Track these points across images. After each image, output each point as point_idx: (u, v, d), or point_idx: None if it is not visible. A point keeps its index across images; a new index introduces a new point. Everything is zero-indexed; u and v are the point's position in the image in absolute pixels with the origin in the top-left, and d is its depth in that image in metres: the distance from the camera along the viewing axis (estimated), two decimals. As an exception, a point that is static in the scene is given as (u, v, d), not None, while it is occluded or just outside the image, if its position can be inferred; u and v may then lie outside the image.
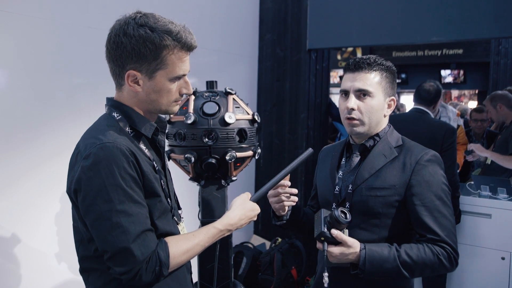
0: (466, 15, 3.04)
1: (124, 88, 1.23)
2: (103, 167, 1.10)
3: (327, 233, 1.36)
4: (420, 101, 3.00)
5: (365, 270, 1.36)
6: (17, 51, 2.08)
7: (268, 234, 3.96)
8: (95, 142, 1.13)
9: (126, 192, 1.11)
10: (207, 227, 1.29)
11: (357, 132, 1.49)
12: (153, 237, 1.17)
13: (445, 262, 1.36)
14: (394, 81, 1.52)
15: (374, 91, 1.45)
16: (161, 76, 1.19)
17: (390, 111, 1.53)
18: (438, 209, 1.40)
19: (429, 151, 1.47)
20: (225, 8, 3.56)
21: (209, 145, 1.63)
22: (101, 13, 2.45)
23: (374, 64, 1.46)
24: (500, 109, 3.52)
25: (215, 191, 1.74)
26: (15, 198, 2.08)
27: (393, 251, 1.37)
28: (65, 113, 2.29)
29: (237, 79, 1.79)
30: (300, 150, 3.81)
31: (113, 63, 1.20)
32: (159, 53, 1.16)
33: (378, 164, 1.47)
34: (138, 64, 1.17)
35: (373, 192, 1.45)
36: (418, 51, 10.55)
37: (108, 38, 1.20)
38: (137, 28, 1.14)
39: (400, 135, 1.55)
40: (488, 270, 2.99)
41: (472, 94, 11.45)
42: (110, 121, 1.22)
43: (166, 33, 1.16)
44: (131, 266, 1.10)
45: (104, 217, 1.10)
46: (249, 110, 1.75)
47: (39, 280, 2.19)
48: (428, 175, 1.42)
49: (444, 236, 1.38)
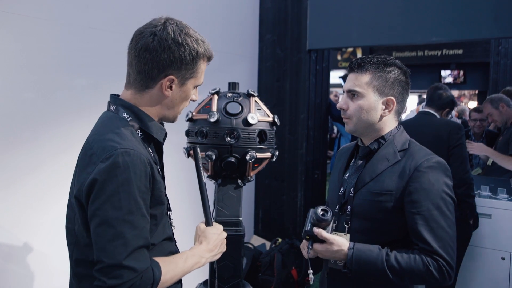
0: (466, 16, 3.04)
1: (149, 91, 1.22)
2: (121, 172, 1.07)
3: (310, 231, 1.41)
4: (429, 103, 2.98)
5: (352, 269, 1.37)
6: (17, 51, 2.08)
7: (268, 234, 3.96)
8: (115, 146, 1.10)
9: (138, 203, 1.09)
10: (193, 254, 1.27)
11: (348, 130, 1.53)
12: (147, 255, 1.13)
13: (435, 274, 1.32)
14: (396, 80, 1.46)
15: (363, 92, 1.45)
16: (191, 84, 1.25)
17: (390, 112, 1.47)
18: (435, 219, 1.34)
19: (432, 157, 1.41)
20: (225, 8, 3.56)
21: (231, 144, 1.66)
22: (101, 14, 2.45)
23: (365, 64, 1.46)
24: (503, 109, 3.53)
25: (231, 190, 1.76)
26: (16, 198, 2.08)
27: (382, 254, 1.35)
28: (65, 113, 2.29)
29: (237, 80, 1.80)
30: (300, 150, 3.81)
31: (152, 65, 1.18)
32: (197, 62, 1.22)
33: (380, 168, 1.44)
34: (179, 70, 1.20)
35: (371, 197, 1.43)
36: (418, 52, 10.57)
37: (147, 40, 1.17)
38: (185, 36, 1.19)
39: (409, 139, 1.50)
40: (488, 270, 2.99)
41: (472, 95, 11.47)
42: (123, 122, 1.20)
43: (202, 43, 1.23)
44: (125, 279, 1.06)
45: (110, 224, 1.07)
46: (269, 112, 1.79)
47: (39, 280, 2.19)
48: (427, 182, 1.36)
49: (437, 247, 1.32)
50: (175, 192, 1.54)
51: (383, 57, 1.48)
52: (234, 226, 1.72)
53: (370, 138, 1.50)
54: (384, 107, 1.46)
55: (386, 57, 1.49)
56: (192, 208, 2.93)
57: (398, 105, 1.48)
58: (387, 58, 1.48)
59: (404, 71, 1.49)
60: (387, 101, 1.46)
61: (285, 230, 3.87)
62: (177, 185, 2.07)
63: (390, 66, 1.47)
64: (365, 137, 1.53)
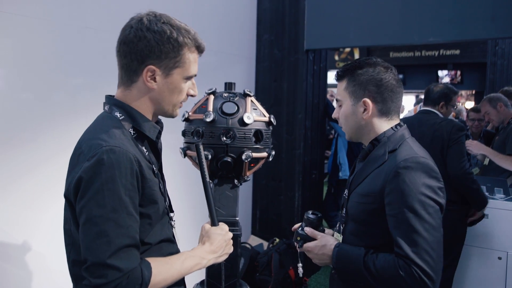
0: (463, 16, 3.05)
1: (135, 85, 1.21)
2: (105, 170, 1.06)
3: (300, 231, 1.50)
4: (425, 101, 3.01)
5: (336, 267, 1.40)
6: (15, 51, 2.08)
7: (266, 234, 3.96)
8: (101, 144, 1.09)
9: (123, 201, 1.07)
10: (192, 255, 1.24)
11: (346, 138, 1.58)
12: (137, 255, 1.10)
13: (406, 279, 1.23)
14: (368, 81, 1.42)
15: (342, 99, 1.49)
16: (177, 74, 1.22)
17: (370, 113, 1.43)
18: (409, 222, 1.25)
19: (414, 157, 1.32)
20: (223, 8, 3.56)
21: (227, 144, 1.67)
22: (99, 14, 2.45)
23: (343, 72, 1.48)
24: (500, 109, 3.54)
25: (228, 190, 1.77)
26: (14, 199, 2.08)
27: (361, 254, 1.34)
28: (64, 113, 2.29)
29: (235, 80, 1.80)
30: (298, 150, 3.82)
31: (131, 57, 1.18)
32: (180, 50, 1.19)
33: (368, 170, 1.42)
34: (159, 60, 1.18)
35: (358, 199, 1.42)
36: (416, 52, 10.58)
37: (125, 33, 1.19)
38: (161, 25, 1.17)
39: (406, 139, 1.42)
40: (484, 270, 3.00)
41: (469, 95, 11.49)
42: (114, 121, 1.19)
43: (186, 32, 1.20)
44: (110, 279, 1.03)
45: (93, 222, 1.05)
46: (265, 112, 1.79)
47: (38, 280, 2.19)
48: (402, 183, 1.28)
49: (409, 252, 1.24)
50: (173, 193, 1.54)
51: (360, 60, 1.46)
52: (230, 226, 1.72)
53: (367, 141, 1.50)
54: (363, 110, 1.44)
55: (362, 60, 1.46)
56: (191, 210, 2.93)
57: (379, 105, 1.43)
58: (362, 60, 1.45)
59: (381, 69, 1.42)
60: (363, 103, 1.43)
61: (283, 230, 3.86)
62: (175, 186, 2.07)
63: (362, 68, 1.43)
64: (362, 141, 1.53)
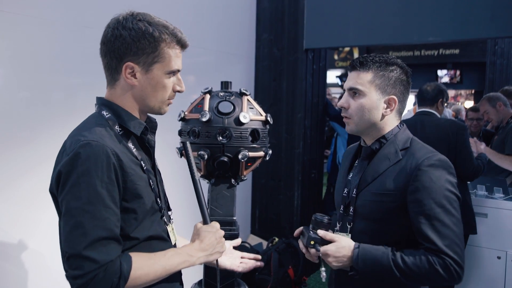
0: (462, 15, 3.05)
1: (118, 83, 1.24)
2: (81, 163, 1.08)
3: (312, 235, 1.41)
4: (421, 102, 2.98)
5: (358, 269, 1.35)
6: (14, 51, 2.08)
7: (265, 233, 3.96)
8: (79, 139, 1.12)
9: (98, 193, 1.08)
10: (179, 252, 1.24)
11: (349, 130, 1.51)
12: (117, 248, 1.11)
13: (442, 273, 1.29)
14: (398, 80, 1.46)
15: (365, 90, 1.44)
16: (158, 70, 1.22)
17: (392, 111, 1.46)
18: (438, 217, 1.31)
19: (433, 155, 1.38)
20: (222, 7, 3.56)
21: (223, 143, 1.66)
22: (97, 13, 2.44)
23: (368, 62, 1.45)
24: (500, 108, 3.54)
25: (225, 189, 1.76)
26: (14, 199, 2.08)
27: (387, 252, 1.34)
28: (62, 113, 2.28)
29: (234, 79, 1.80)
30: (297, 149, 3.81)
31: (110, 56, 1.21)
32: (157, 45, 1.20)
33: (381, 168, 1.43)
34: (137, 56, 1.19)
35: (373, 197, 1.42)
36: (415, 51, 10.60)
37: (104, 33, 1.22)
38: (136, 22, 1.19)
39: (412, 137, 1.48)
40: (484, 269, 3.01)
41: (468, 94, 11.49)
42: (99, 119, 1.22)
43: (164, 28, 1.21)
44: (86, 270, 1.04)
45: (70, 214, 1.08)
46: (262, 111, 1.78)
47: (38, 280, 2.18)
48: (429, 181, 1.34)
49: (442, 246, 1.30)
50: (173, 193, 1.54)
51: (385, 56, 1.48)
52: (228, 225, 1.72)
53: (372, 138, 1.49)
54: (385, 106, 1.45)
55: (388, 56, 1.48)
56: (188, 209, 2.92)
57: (399, 105, 1.48)
58: (389, 57, 1.48)
59: (405, 71, 1.48)
60: (389, 100, 1.45)
61: (282, 229, 3.86)
62: (172, 186, 2.06)
63: (392, 65, 1.46)
64: (366, 137, 1.52)
